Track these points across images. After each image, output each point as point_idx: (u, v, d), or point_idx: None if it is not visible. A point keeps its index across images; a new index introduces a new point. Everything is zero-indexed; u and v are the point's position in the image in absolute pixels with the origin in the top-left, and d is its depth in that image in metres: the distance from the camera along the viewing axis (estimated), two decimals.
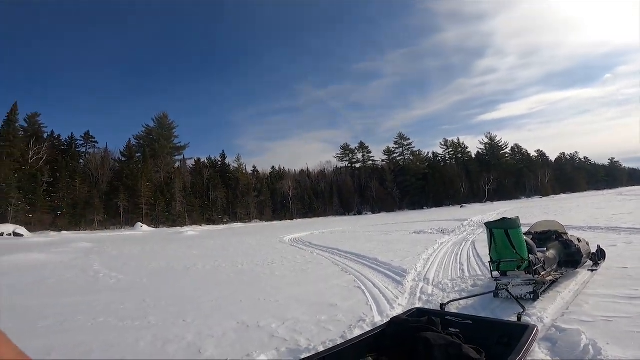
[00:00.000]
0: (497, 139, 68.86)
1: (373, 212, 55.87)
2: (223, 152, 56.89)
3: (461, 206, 38.24)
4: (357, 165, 69.94)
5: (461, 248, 8.69)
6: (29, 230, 25.75)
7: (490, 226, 4.35)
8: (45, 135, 40.22)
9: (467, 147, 68.43)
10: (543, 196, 54.28)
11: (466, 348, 2.39)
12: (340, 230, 21.12)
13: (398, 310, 4.19)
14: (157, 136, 51.35)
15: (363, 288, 5.62)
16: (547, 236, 5.35)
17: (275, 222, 44.25)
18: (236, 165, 56.32)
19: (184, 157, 56.08)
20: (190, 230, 29.64)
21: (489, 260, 4.45)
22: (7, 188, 28.47)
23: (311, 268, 7.79)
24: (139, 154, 47.33)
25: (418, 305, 4.29)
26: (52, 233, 27.76)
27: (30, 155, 34.32)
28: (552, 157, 76.94)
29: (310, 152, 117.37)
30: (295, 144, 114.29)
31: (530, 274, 4.03)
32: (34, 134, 37.71)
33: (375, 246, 10.93)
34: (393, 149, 69.30)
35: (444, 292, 4.83)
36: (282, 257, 10.00)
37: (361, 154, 69.73)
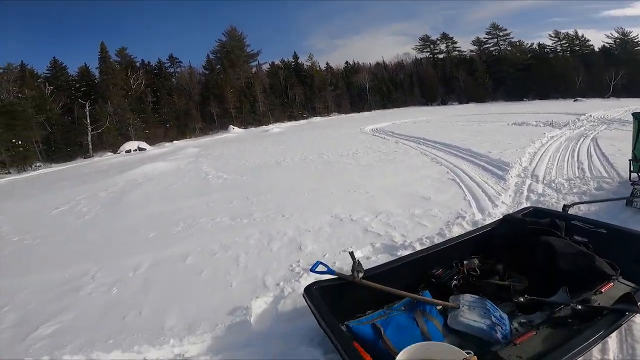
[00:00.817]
0: (633, 34, 51.78)
1: (460, 102, 50.89)
2: (295, 53, 56.56)
3: (575, 99, 31.02)
4: (440, 56, 64.54)
5: (579, 144, 7.25)
6: (149, 144, 30.62)
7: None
8: (137, 64, 44.39)
9: (587, 40, 54.34)
10: None
11: (599, 261, 1.99)
12: (424, 119, 19.72)
13: (502, 210, 3.82)
14: (230, 48, 54.09)
15: (458, 180, 5.26)
16: None
17: (353, 114, 43.97)
18: (309, 64, 56.21)
19: (258, 63, 58.92)
20: (274, 128, 31.36)
21: (631, 158, 3.56)
22: (123, 111, 33.57)
23: (398, 158, 7.55)
24: (218, 66, 50.14)
25: (526, 204, 3.79)
26: (166, 143, 32.52)
27: (131, 82, 38.96)
28: None
29: (385, 46, 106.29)
30: (367, 38, 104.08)
31: None
32: (128, 65, 42.00)
33: (467, 136, 9.93)
34: (485, 40, 60.63)
35: (559, 194, 4.12)
36: (366, 147, 9.88)
37: (444, 44, 63.74)
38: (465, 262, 2.28)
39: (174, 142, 33.68)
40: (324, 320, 1.73)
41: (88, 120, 31.24)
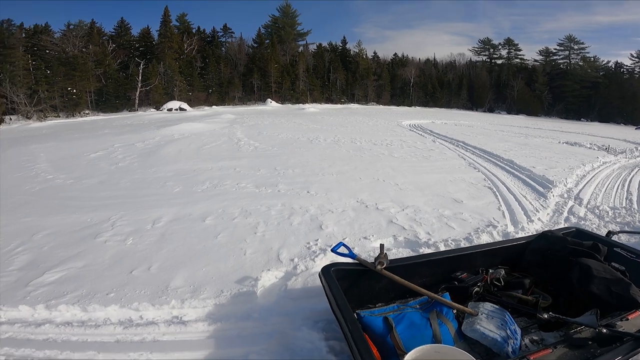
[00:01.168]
0: None
1: (508, 112, 48.25)
2: (344, 37, 56.82)
3: (637, 127, 28.56)
4: (499, 62, 61.59)
5: (632, 174, 6.62)
6: (190, 106, 31.77)
7: None
8: (193, 30, 46.32)
9: None
10: None
11: (634, 290, 1.86)
12: (466, 124, 18.80)
13: (537, 226, 3.55)
14: (282, 24, 54.90)
15: (494, 189, 4.95)
16: None
17: (392, 107, 43.13)
18: (357, 51, 55.56)
19: (306, 42, 59.96)
20: (311, 107, 31.36)
21: None
22: (172, 73, 35.00)
23: (433, 157, 7.25)
24: (267, 41, 51.06)
25: (564, 225, 3.53)
26: (206, 107, 33.63)
27: (185, 47, 41.03)
28: None
29: (439, 43, 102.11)
30: (421, 33, 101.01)
31: None
32: (185, 30, 44.25)
33: (511, 147, 9.35)
34: (555, 51, 56.56)
35: (601, 220, 3.86)
36: (401, 140, 9.59)
37: (506, 50, 60.93)
38: (490, 271, 2.16)
39: (213, 107, 34.71)
40: (338, 304, 1.65)
41: (140, 78, 32.76)
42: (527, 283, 2.11)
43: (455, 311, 1.83)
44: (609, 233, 2.66)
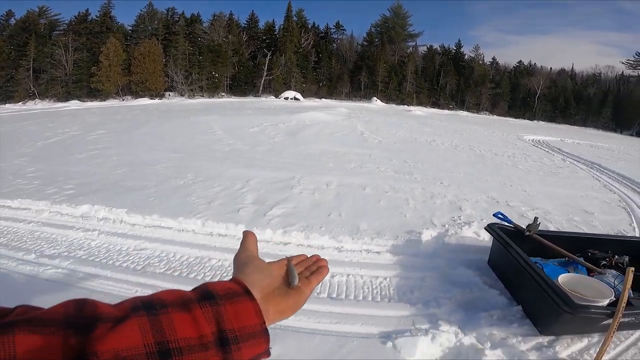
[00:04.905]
0: None
1: None
2: (459, 40, 53.75)
3: None
4: None
5: None
6: (302, 97, 34.92)
7: None
8: (309, 26, 49.42)
9: None
10: None
11: None
12: (605, 146, 16.61)
13: None
14: (392, 24, 55.14)
15: (629, 210, 5.01)
16: None
17: (509, 119, 39.30)
18: (472, 55, 52.27)
19: (416, 44, 58.40)
20: (417, 110, 31.06)
21: None
22: (291, 65, 38.72)
23: (563, 173, 7.24)
24: (377, 40, 51.46)
25: None
26: (316, 99, 36.40)
27: (302, 42, 44.62)
28: None
29: (580, 53, 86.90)
30: (556, 40, 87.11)
31: None
32: (302, 25, 47.56)
33: None
34: None
35: None
36: (524, 154, 9.50)
37: None
38: (616, 257, 2.72)
39: (323, 99, 37.30)
40: (504, 244, 2.52)
41: (265, 67, 37.35)
42: None
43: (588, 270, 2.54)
44: None
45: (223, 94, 34.98)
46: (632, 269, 2.11)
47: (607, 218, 4.44)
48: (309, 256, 0.56)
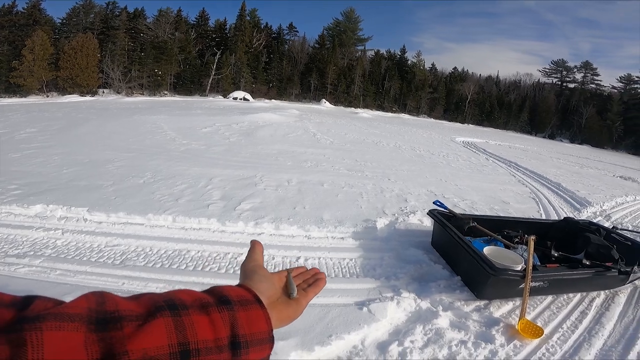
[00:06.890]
0: None
1: (572, 141, 45.88)
2: (404, 46, 59.01)
3: None
4: (571, 86, 57.98)
5: None
6: (252, 97, 34.61)
7: None
8: (262, 26, 48.97)
9: None
10: None
11: (614, 251, 3.13)
12: (521, 147, 19.21)
13: None
14: (344, 28, 56.99)
15: (537, 200, 6.11)
16: None
17: (444, 122, 43.03)
18: (414, 61, 55.87)
19: (364, 48, 60.59)
20: (363, 113, 32.60)
21: None
22: (241, 65, 38.17)
23: (486, 171, 8.41)
24: (329, 43, 52.76)
25: None
26: (266, 100, 36.29)
27: (254, 42, 44.13)
28: None
29: (504, 60, 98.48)
30: (486, 48, 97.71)
31: None
32: (255, 25, 47.20)
33: (562, 173, 10.13)
34: (637, 79, 52.49)
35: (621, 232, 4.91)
36: (456, 154, 10.75)
37: (582, 74, 57.16)
38: (525, 235, 3.48)
39: (273, 100, 37.27)
40: (443, 225, 3.10)
41: (214, 66, 36.22)
42: (549, 244, 3.42)
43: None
44: (614, 227, 3.86)
45: (166, 92, 33.17)
46: (533, 237, 2.80)
47: (520, 206, 5.42)
48: (308, 269, 0.58)
